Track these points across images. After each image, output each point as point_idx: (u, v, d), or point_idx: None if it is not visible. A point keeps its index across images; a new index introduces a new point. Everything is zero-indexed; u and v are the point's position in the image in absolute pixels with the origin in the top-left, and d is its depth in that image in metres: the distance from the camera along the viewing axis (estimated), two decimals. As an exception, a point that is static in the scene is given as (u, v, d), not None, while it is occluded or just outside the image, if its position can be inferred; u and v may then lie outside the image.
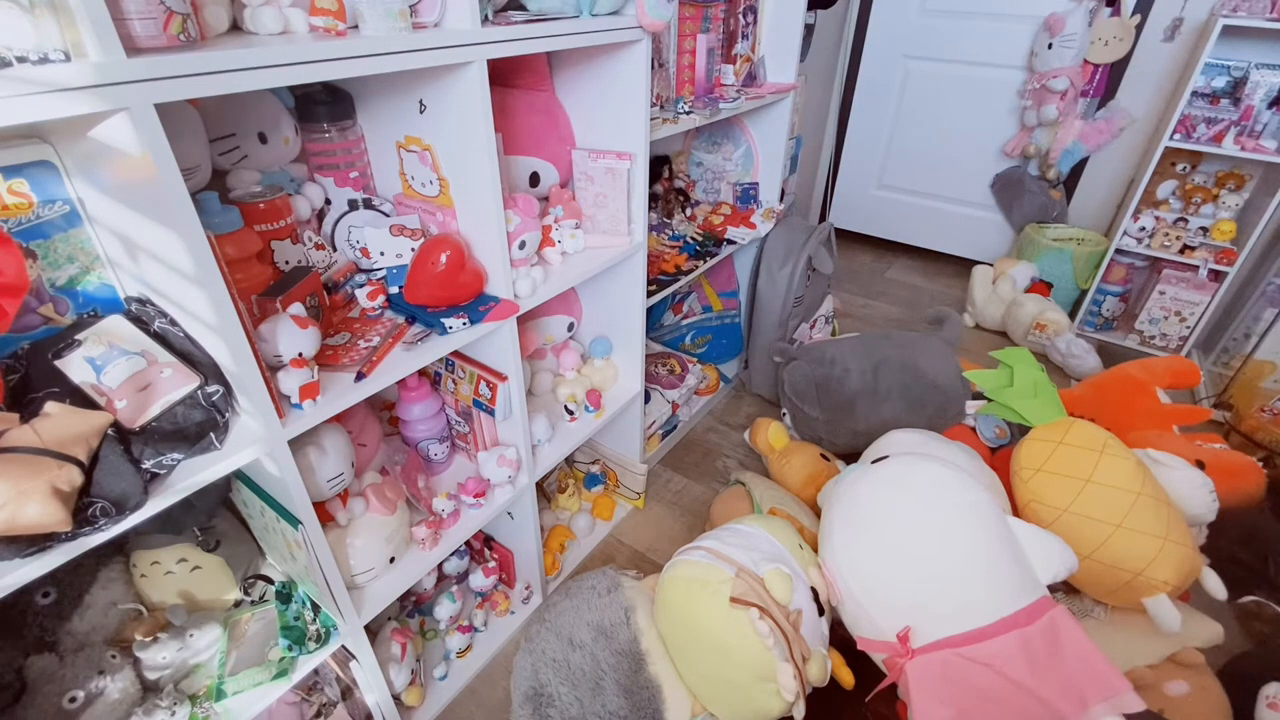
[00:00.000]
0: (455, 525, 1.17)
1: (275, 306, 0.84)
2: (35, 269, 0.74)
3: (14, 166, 0.70)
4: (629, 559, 1.62)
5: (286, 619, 0.97)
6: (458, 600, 1.35)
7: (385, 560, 1.06)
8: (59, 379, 0.68)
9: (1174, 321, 2.36)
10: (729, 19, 1.70)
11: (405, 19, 0.77)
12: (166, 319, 0.76)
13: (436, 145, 0.98)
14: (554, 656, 1.13)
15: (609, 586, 1.22)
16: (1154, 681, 1.12)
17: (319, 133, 1.03)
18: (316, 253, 1.03)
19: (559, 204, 1.28)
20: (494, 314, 1.04)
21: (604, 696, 1.08)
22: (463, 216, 1.04)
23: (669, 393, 1.88)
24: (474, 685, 1.32)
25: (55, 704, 0.79)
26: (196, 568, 0.95)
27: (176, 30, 0.62)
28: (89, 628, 0.87)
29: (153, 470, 0.68)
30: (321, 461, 0.92)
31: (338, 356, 0.92)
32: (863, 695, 1.08)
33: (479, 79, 0.87)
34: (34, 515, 0.57)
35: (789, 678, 0.97)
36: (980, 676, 0.95)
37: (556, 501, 1.67)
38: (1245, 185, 2.26)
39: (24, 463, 0.58)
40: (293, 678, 0.94)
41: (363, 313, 1.04)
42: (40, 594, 0.85)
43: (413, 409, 1.19)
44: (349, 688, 1.17)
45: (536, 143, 1.30)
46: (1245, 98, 2.09)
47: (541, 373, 1.50)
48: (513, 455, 1.21)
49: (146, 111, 0.57)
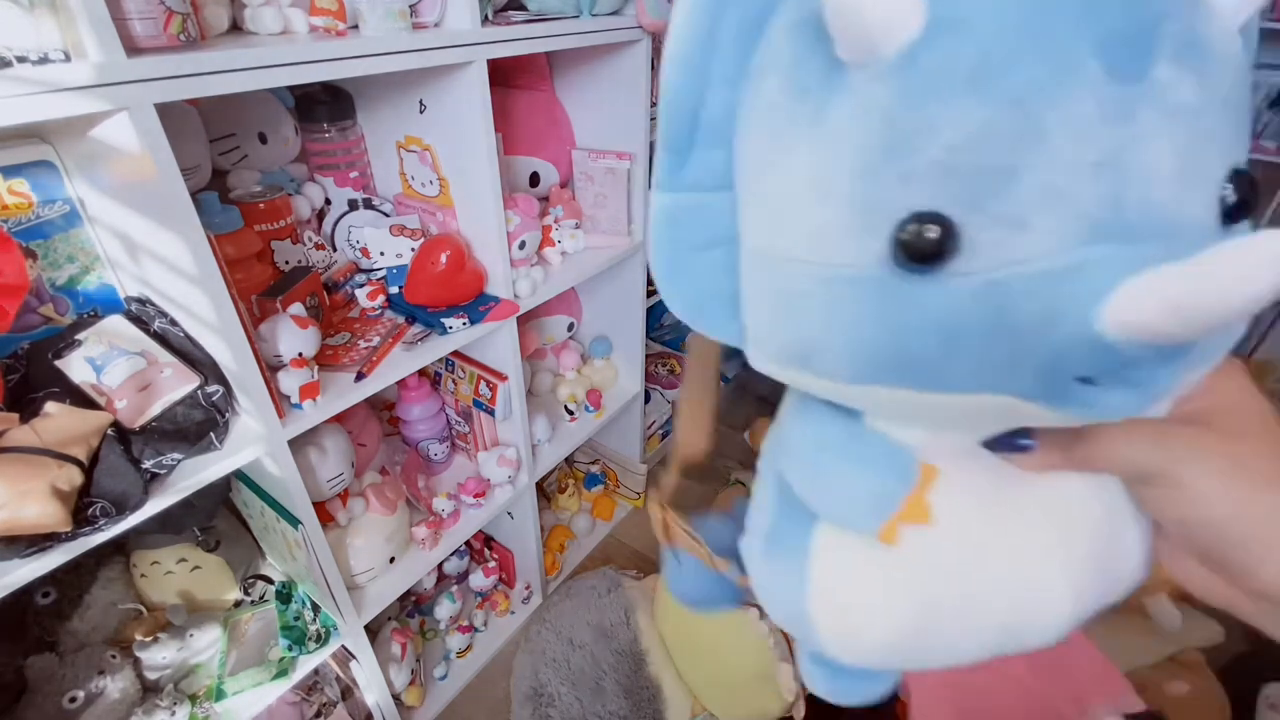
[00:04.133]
0: (455, 525, 1.17)
1: (275, 306, 0.84)
2: (35, 269, 0.74)
3: (14, 166, 0.70)
4: (629, 559, 1.62)
5: (286, 619, 0.97)
6: (458, 600, 1.35)
7: (385, 560, 1.05)
8: (59, 379, 0.68)
9: (1174, 321, 2.35)
10: (729, 19, 1.70)
11: (405, 19, 0.77)
12: (166, 319, 0.76)
13: (436, 145, 0.98)
14: (554, 656, 1.13)
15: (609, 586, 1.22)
16: (1154, 681, 1.12)
17: (319, 133, 1.03)
18: (316, 253, 1.03)
19: (559, 204, 1.28)
20: (494, 314, 1.03)
21: (604, 696, 1.08)
22: (463, 216, 1.04)
23: (669, 393, 1.88)
24: (474, 685, 1.32)
25: (55, 704, 0.79)
26: (196, 568, 0.95)
27: (176, 30, 0.62)
28: (89, 628, 0.87)
29: (153, 470, 0.68)
30: (321, 461, 0.92)
31: (338, 356, 0.92)
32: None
33: (479, 79, 0.86)
34: (34, 515, 0.57)
35: (789, 678, 0.97)
36: (980, 676, 0.95)
37: (556, 501, 1.67)
38: (1245, 185, 2.26)
39: (24, 463, 0.58)
40: (293, 678, 0.94)
41: (363, 313, 1.04)
42: (40, 594, 0.85)
43: (413, 409, 1.19)
44: (349, 688, 1.17)
45: (536, 143, 1.30)
46: (1245, 98, 2.09)
47: (541, 373, 1.50)
48: (513, 455, 1.21)
49: (146, 111, 0.57)
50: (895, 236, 0.18)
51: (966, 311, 0.18)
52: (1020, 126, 0.17)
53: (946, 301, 0.18)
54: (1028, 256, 0.17)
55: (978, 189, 0.17)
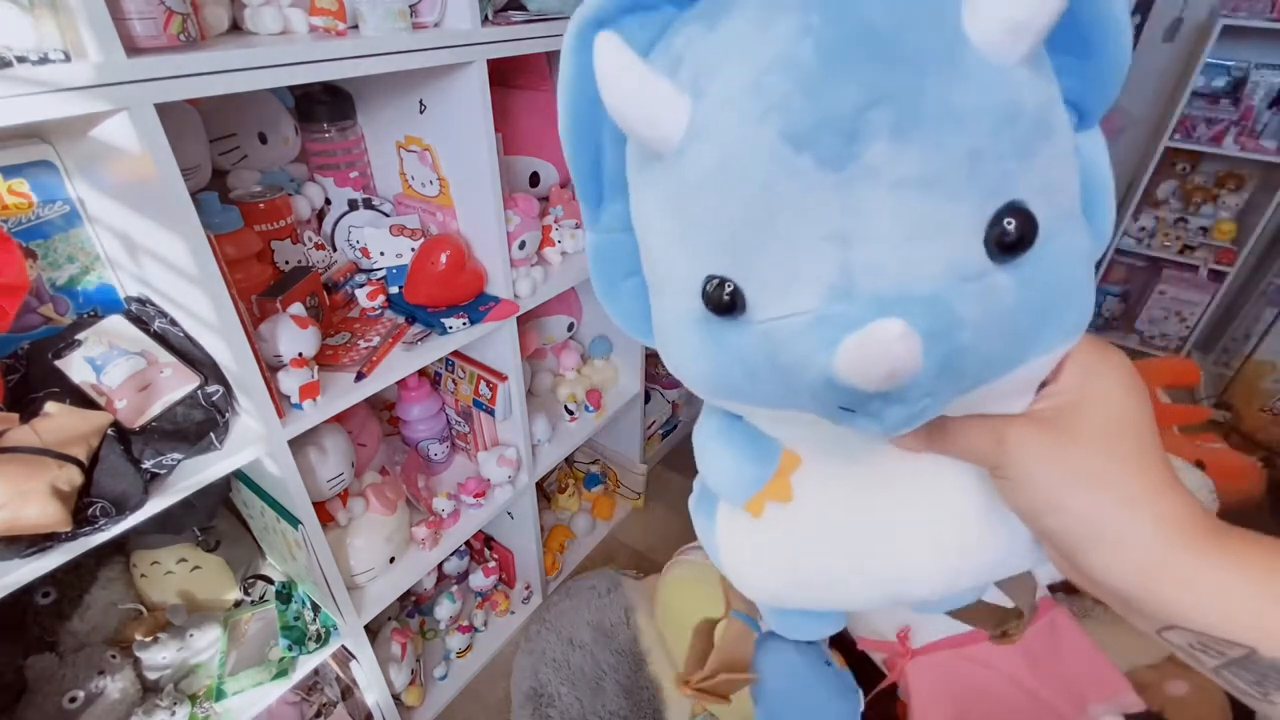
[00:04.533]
0: (455, 525, 1.17)
1: (275, 306, 0.84)
2: (35, 269, 0.74)
3: (14, 166, 0.70)
4: (629, 559, 1.62)
5: (286, 619, 0.97)
6: (458, 600, 1.35)
7: (385, 560, 1.06)
8: (59, 379, 0.68)
9: (1174, 321, 2.36)
10: (729, 19, 1.70)
11: (405, 19, 0.77)
12: (166, 319, 0.76)
13: (436, 145, 0.98)
14: (554, 656, 1.13)
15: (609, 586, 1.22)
16: (1154, 681, 1.11)
17: (319, 133, 1.03)
18: (316, 253, 1.03)
19: (559, 204, 1.28)
20: (494, 314, 1.04)
21: (604, 696, 1.08)
22: (463, 216, 1.04)
23: (669, 393, 1.88)
24: (474, 685, 1.32)
25: (55, 704, 0.79)
26: (196, 568, 0.95)
27: (176, 30, 0.62)
28: (89, 628, 0.87)
29: (153, 470, 0.68)
30: (321, 461, 0.92)
31: (338, 356, 0.92)
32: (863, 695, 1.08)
33: (479, 79, 0.86)
34: (34, 515, 0.57)
35: (789, 678, 0.97)
36: (980, 676, 0.95)
37: (556, 501, 1.67)
38: (1245, 185, 2.26)
39: (24, 463, 0.58)
40: (293, 678, 0.94)
41: (363, 313, 1.04)
42: (40, 594, 0.85)
43: (413, 409, 1.19)
44: (349, 688, 1.17)
45: (536, 143, 1.29)
46: (1245, 98, 2.09)
47: (541, 373, 1.50)
48: (513, 455, 1.21)
49: (146, 111, 0.57)
50: (703, 291, 0.23)
51: (754, 351, 0.23)
52: (760, 214, 0.21)
53: (742, 343, 0.23)
54: (791, 312, 0.21)
55: (748, 260, 0.22)
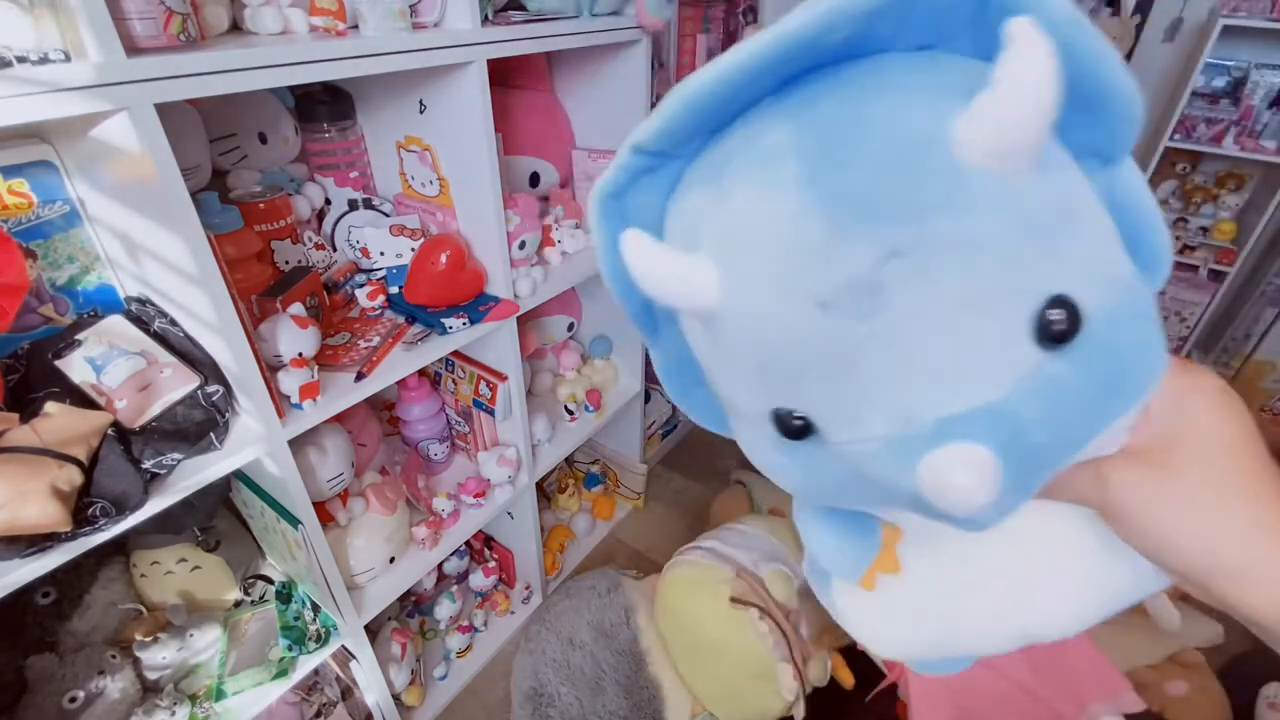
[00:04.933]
0: (455, 525, 1.17)
1: (275, 306, 0.84)
2: (35, 269, 0.74)
3: (14, 166, 0.70)
4: (629, 559, 1.62)
5: (286, 619, 0.97)
6: (458, 600, 1.35)
7: (385, 560, 1.05)
8: (59, 379, 0.68)
9: (1174, 321, 2.35)
10: (728, 19, 1.70)
11: (405, 19, 0.77)
12: (166, 319, 0.76)
13: (436, 145, 0.98)
14: (554, 656, 1.13)
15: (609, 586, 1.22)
16: (1154, 681, 1.12)
17: (319, 133, 1.03)
18: (316, 253, 1.03)
19: (559, 204, 1.28)
20: (494, 314, 1.03)
21: (604, 696, 1.08)
22: (463, 216, 1.04)
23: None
24: (474, 685, 1.32)
25: (55, 704, 0.79)
26: (196, 568, 0.95)
27: (176, 30, 0.62)
28: (89, 628, 0.87)
29: (153, 470, 0.68)
30: (321, 461, 0.92)
31: (338, 356, 0.92)
32: (863, 695, 1.08)
33: (479, 79, 0.86)
34: (34, 515, 0.57)
35: (789, 678, 0.97)
36: (980, 676, 0.95)
37: (556, 501, 1.67)
38: (1245, 185, 2.26)
39: (24, 463, 0.58)
40: (293, 678, 0.94)
41: (363, 313, 1.04)
42: (40, 594, 0.85)
43: (413, 409, 1.19)
44: (349, 688, 1.17)
45: (536, 143, 1.29)
46: (1245, 98, 2.08)
47: (541, 373, 1.50)
48: (513, 455, 1.21)
49: (146, 111, 0.57)
50: (774, 417, 0.24)
51: (838, 468, 0.24)
52: (805, 365, 0.22)
53: (824, 460, 0.24)
54: (864, 438, 0.22)
55: (807, 399, 0.23)
